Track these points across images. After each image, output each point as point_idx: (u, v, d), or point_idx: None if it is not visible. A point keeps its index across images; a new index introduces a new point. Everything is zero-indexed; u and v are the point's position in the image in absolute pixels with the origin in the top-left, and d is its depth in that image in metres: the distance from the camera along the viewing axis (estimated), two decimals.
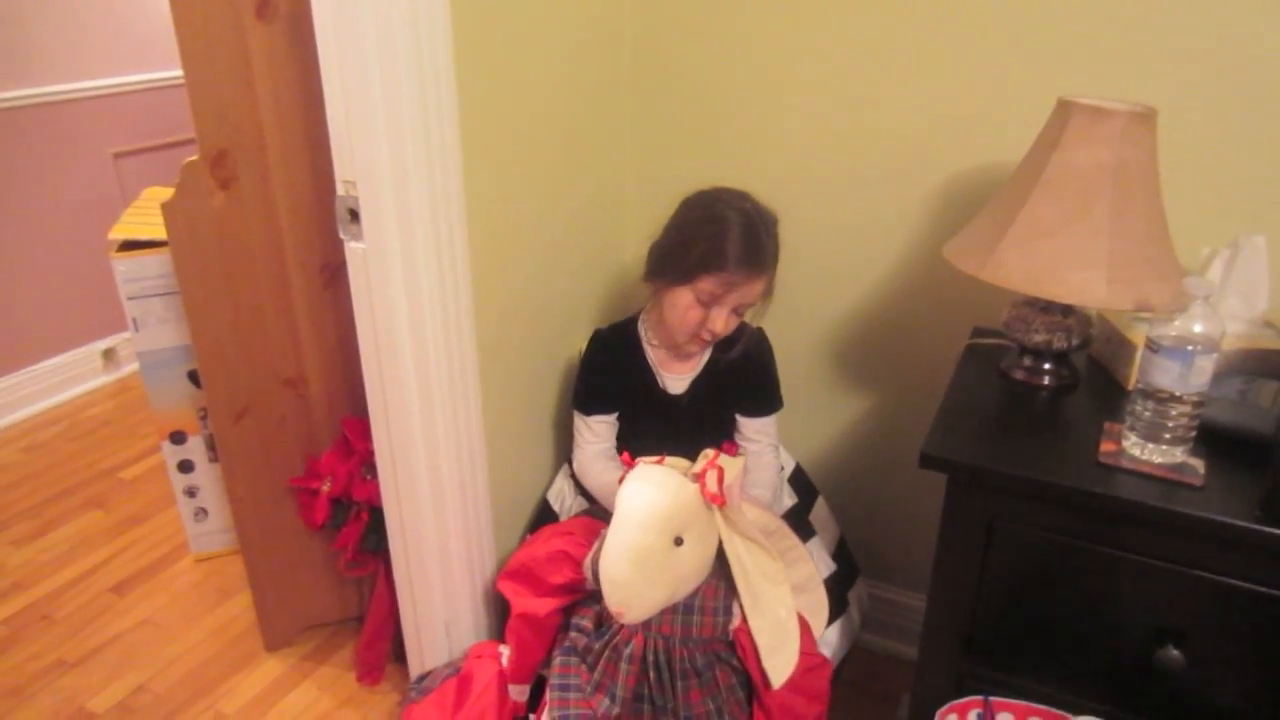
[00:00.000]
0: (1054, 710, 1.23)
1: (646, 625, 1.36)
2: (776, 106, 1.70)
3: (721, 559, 1.35)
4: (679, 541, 1.27)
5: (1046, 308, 1.33)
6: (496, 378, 1.59)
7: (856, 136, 1.65)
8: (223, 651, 2.02)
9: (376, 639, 1.91)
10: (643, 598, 1.28)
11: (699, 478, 1.30)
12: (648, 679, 1.38)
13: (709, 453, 1.33)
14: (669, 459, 1.35)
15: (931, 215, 1.63)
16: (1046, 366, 1.36)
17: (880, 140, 1.63)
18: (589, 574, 1.42)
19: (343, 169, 1.36)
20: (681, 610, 1.35)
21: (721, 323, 1.52)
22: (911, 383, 1.77)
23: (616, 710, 1.37)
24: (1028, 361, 1.38)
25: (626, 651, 1.37)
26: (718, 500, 1.28)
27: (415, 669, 1.73)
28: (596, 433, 1.69)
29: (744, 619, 1.36)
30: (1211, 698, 1.16)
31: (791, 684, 1.35)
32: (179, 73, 1.56)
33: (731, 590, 1.36)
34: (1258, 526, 1.04)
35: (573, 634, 1.45)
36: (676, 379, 1.65)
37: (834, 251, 1.74)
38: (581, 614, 1.46)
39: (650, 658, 1.37)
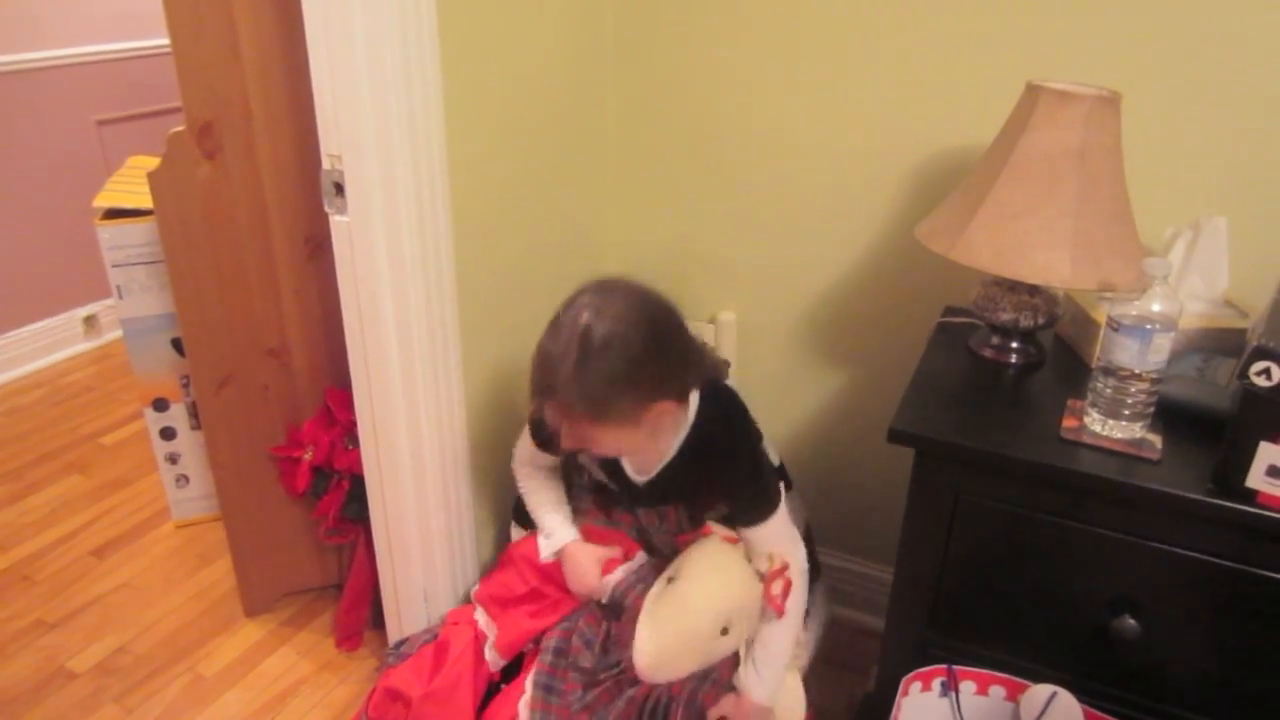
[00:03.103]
0: (1014, 678, 1.28)
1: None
2: (753, 93, 1.72)
3: None
4: (725, 631, 1.32)
5: (1014, 287, 1.36)
6: (479, 351, 1.61)
7: (831, 119, 1.67)
8: (202, 616, 2.04)
9: (355, 606, 1.94)
10: (675, 671, 1.32)
11: (767, 581, 1.35)
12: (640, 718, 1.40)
13: (779, 557, 1.39)
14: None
15: (904, 197, 1.66)
16: (1014, 345, 1.40)
17: (854, 124, 1.65)
18: (606, 595, 1.45)
19: (328, 143, 1.38)
20: (696, 677, 1.38)
21: (570, 443, 1.33)
22: (883, 361, 1.80)
23: None
24: (996, 340, 1.41)
25: (630, 692, 1.38)
26: (777, 609, 1.34)
27: (393, 635, 1.76)
28: (538, 459, 1.56)
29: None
30: (1165, 665, 1.21)
31: None
32: (162, 42, 1.57)
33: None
34: (1210, 499, 1.08)
35: (575, 640, 1.44)
36: (638, 468, 1.46)
37: (808, 233, 1.77)
38: (589, 622, 1.46)
39: (650, 705, 1.39)
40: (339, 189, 1.39)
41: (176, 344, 2.14)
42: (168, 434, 2.25)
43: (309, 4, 1.28)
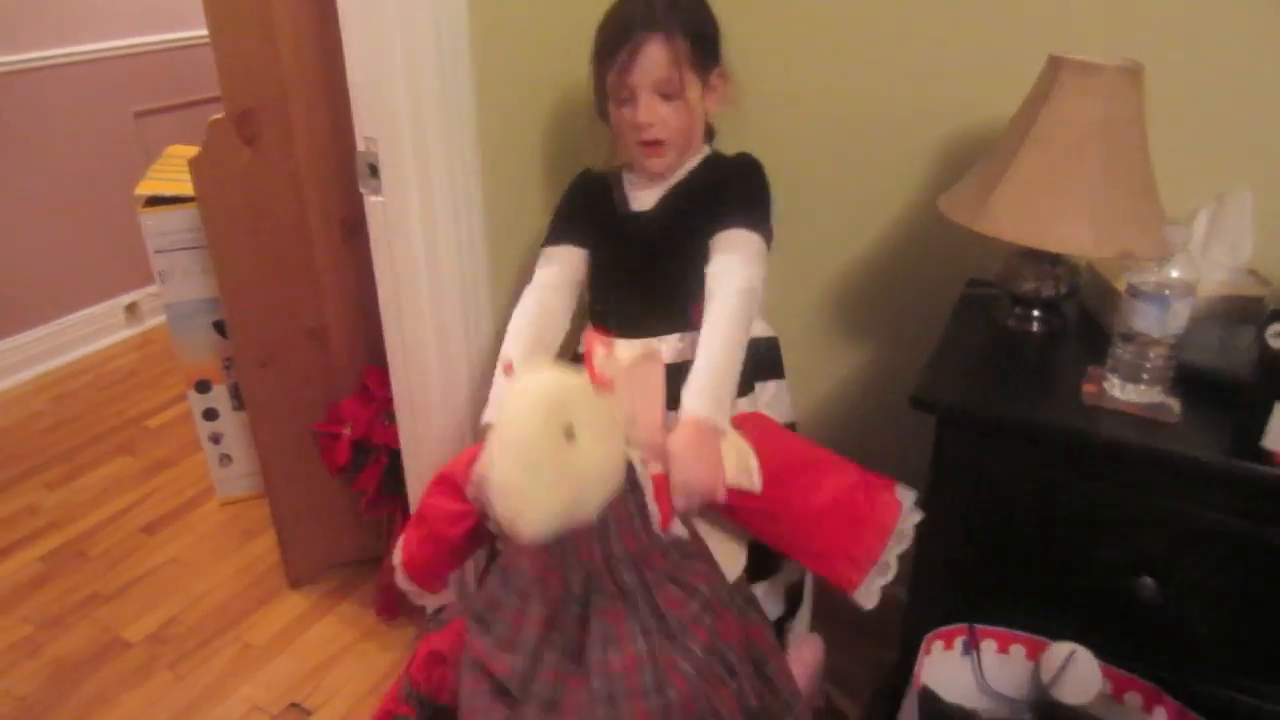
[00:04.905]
0: (1034, 636, 1.31)
1: (560, 556, 1.19)
2: (774, 66, 1.73)
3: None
4: (570, 434, 1.08)
5: (1036, 257, 1.38)
6: None
7: (855, 92, 1.68)
8: (248, 588, 2.11)
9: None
10: (536, 503, 1.05)
11: (586, 356, 1.18)
12: (580, 620, 1.19)
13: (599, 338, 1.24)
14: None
15: (926, 170, 1.67)
16: (1036, 314, 1.42)
17: (878, 96, 1.67)
18: (476, 501, 1.26)
19: (363, 126, 1.42)
20: (597, 534, 1.18)
21: (645, 111, 1.38)
22: (906, 334, 1.82)
23: (525, 663, 1.18)
24: (1018, 310, 1.43)
25: (539, 591, 1.19)
26: (601, 383, 1.14)
27: (432, 605, 1.81)
28: (551, 260, 1.51)
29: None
30: (1183, 624, 1.23)
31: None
32: (195, 33, 1.61)
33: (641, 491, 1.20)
34: (1227, 460, 1.10)
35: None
36: (646, 193, 1.50)
37: (832, 205, 1.79)
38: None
39: (573, 591, 1.19)
40: (373, 170, 1.44)
41: (219, 327, 2.20)
42: (211, 415, 2.31)
43: None
